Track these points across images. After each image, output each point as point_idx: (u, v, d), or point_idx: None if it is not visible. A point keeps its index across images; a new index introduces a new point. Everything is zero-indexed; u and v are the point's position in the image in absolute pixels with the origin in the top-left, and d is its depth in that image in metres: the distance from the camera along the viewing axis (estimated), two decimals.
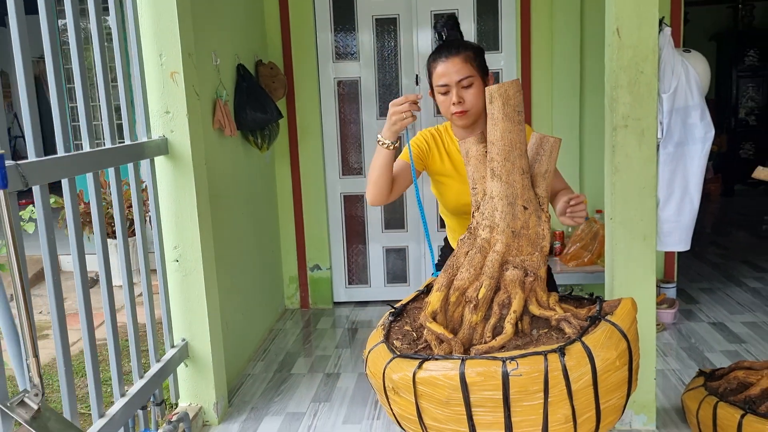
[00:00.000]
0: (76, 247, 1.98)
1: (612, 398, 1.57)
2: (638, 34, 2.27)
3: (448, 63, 1.89)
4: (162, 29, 2.49)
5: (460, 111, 1.92)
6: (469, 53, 1.91)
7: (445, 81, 1.91)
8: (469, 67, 1.90)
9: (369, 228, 4.34)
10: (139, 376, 2.37)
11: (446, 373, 1.52)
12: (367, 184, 2.00)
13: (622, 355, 1.56)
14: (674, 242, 2.71)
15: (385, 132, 1.87)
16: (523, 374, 1.48)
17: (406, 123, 1.83)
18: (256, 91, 3.42)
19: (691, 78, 2.55)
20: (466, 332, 1.68)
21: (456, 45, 1.92)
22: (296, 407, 2.91)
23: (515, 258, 1.68)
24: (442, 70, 1.90)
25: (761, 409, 2.15)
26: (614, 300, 1.67)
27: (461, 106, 1.92)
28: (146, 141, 2.48)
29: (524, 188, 1.66)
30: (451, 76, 1.90)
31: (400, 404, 1.62)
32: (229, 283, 3.18)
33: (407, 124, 1.84)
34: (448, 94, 1.93)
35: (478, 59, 1.93)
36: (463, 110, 1.92)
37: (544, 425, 1.52)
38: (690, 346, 3.37)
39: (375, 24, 4.07)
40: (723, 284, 4.40)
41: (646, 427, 2.52)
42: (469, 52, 1.91)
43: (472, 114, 1.95)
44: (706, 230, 6.34)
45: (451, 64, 1.89)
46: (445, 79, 1.90)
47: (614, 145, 2.35)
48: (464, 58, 1.90)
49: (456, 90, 1.91)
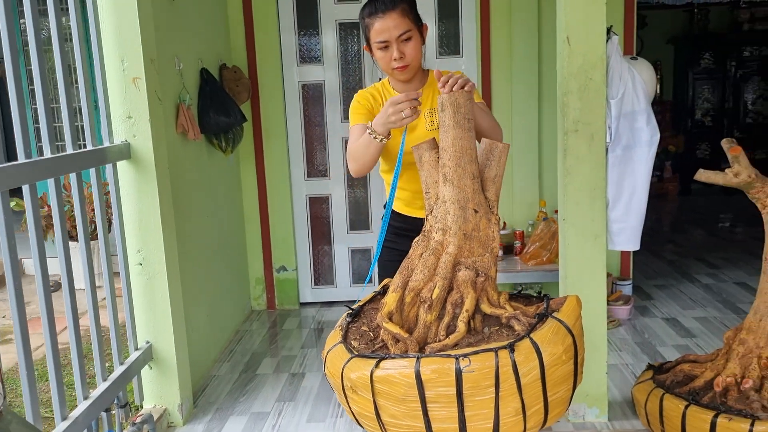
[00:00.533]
0: (38, 252, 2.00)
1: (559, 391, 1.65)
2: (587, 43, 2.36)
3: (386, 19, 1.89)
4: (124, 35, 2.51)
5: (401, 66, 1.94)
6: (405, 6, 1.91)
7: (384, 37, 1.91)
8: (407, 21, 1.91)
9: (334, 229, 4.39)
10: (102, 378, 2.39)
11: (402, 371, 1.58)
12: (350, 160, 1.99)
13: (568, 349, 1.64)
14: (623, 241, 2.82)
15: (378, 126, 1.85)
16: (475, 370, 1.55)
17: (405, 122, 1.80)
18: (220, 95, 3.45)
19: (638, 84, 2.66)
20: (421, 331, 1.75)
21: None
22: (261, 407, 2.95)
23: (467, 259, 1.75)
24: (381, 26, 1.90)
25: (704, 400, 2.26)
26: (560, 297, 1.76)
27: (402, 61, 1.93)
28: (108, 146, 2.49)
29: (475, 192, 1.73)
30: (391, 32, 1.90)
31: (359, 403, 1.68)
32: (194, 285, 3.21)
33: (406, 123, 1.81)
34: (387, 50, 1.94)
35: (413, 11, 1.94)
36: (405, 65, 1.94)
37: (495, 418, 1.60)
38: (643, 341, 3.50)
39: (338, 28, 4.12)
40: (677, 281, 4.56)
41: (598, 420, 2.62)
42: (404, 4, 1.91)
43: (413, 67, 1.97)
44: (664, 228, 6.54)
45: (390, 20, 1.89)
46: (384, 35, 1.91)
47: (565, 148, 2.44)
48: (401, 12, 1.90)
49: (396, 45, 1.91)
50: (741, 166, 2.20)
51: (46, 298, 2.03)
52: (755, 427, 2.09)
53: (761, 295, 2.29)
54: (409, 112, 1.77)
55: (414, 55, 1.96)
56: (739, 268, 4.81)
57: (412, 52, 1.95)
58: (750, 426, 2.10)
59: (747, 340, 2.29)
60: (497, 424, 1.60)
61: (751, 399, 2.20)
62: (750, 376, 2.24)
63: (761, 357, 2.25)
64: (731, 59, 7.89)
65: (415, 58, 1.97)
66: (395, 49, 1.92)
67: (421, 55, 1.99)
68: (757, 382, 2.24)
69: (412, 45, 1.94)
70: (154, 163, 2.60)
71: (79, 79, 2.38)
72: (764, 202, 2.23)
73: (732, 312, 3.87)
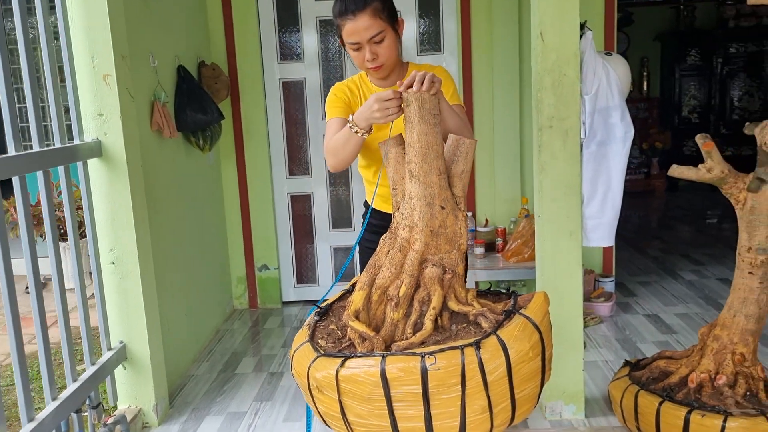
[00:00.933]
0: (1, 254, 1.97)
1: (526, 388, 1.64)
2: (560, 38, 2.35)
3: (356, 20, 1.83)
4: (93, 31, 2.47)
5: (375, 66, 1.90)
6: (377, 4, 1.83)
7: (355, 39, 1.86)
8: (379, 22, 1.84)
9: (316, 227, 4.36)
10: (72, 379, 2.36)
11: (367, 370, 1.56)
12: (328, 155, 1.93)
13: (535, 346, 1.62)
14: (598, 238, 2.81)
15: (361, 121, 1.78)
16: (440, 368, 1.54)
17: (390, 119, 1.74)
18: (197, 93, 3.41)
19: (612, 80, 2.65)
20: (388, 329, 1.73)
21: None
22: (238, 407, 2.92)
23: (434, 256, 1.73)
24: (352, 28, 1.84)
25: (678, 396, 2.26)
26: (529, 294, 1.74)
27: (376, 62, 1.89)
28: (78, 144, 2.46)
29: (441, 189, 1.71)
30: (362, 34, 1.84)
31: (325, 402, 1.66)
32: (172, 284, 3.18)
33: (391, 120, 1.75)
34: (360, 50, 1.89)
35: (386, 9, 1.86)
36: (379, 65, 1.90)
37: (461, 416, 1.58)
38: (624, 337, 3.49)
39: (319, 25, 4.09)
40: (660, 277, 4.56)
41: (575, 417, 2.61)
42: (375, 2, 1.83)
43: (387, 66, 1.93)
44: (650, 225, 6.55)
45: (360, 21, 1.82)
46: (355, 37, 1.86)
47: (540, 145, 2.43)
48: (372, 12, 1.82)
49: (368, 47, 1.86)
50: (714, 161, 2.20)
51: (10, 298, 1.99)
52: (728, 423, 2.09)
53: (735, 292, 2.28)
54: (395, 110, 1.72)
55: (388, 54, 1.91)
56: (723, 264, 4.82)
57: (386, 51, 1.90)
58: (723, 422, 2.09)
59: (721, 336, 2.28)
60: (464, 422, 1.58)
61: (725, 395, 2.20)
62: (724, 372, 2.24)
63: (735, 353, 2.24)
64: (717, 56, 7.90)
65: (390, 57, 1.92)
66: (368, 51, 1.88)
67: (396, 52, 1.95)
68: (730, 378, 2.23)
69: (386, 45, 1.89)
70: (126, 161, 2.56)
71: (46, 75, 2.34)
72: (737, 197, 2.22)
73: (714, 308, 3.87)
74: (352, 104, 2.01)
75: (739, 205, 2.22)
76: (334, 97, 2.04)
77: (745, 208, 2.21)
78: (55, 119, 2.35)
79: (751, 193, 2.19)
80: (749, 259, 2.23)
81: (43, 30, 2.30)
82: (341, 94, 2.03)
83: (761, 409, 2.14)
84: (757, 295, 2.23)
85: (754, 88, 7.89)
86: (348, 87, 2.06)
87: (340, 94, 2.04)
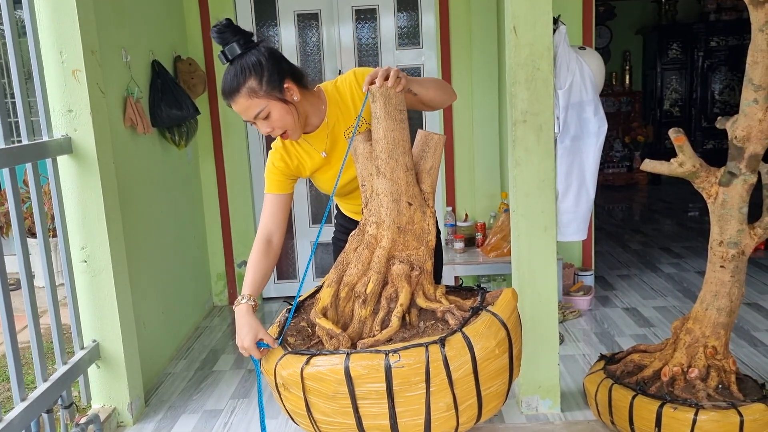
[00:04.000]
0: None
1: (493, 385, 1.63)
2: (534, 33, 2.34)
3: (236, 104, 1.74)
4: (61, 26, 2.44)
5: (279, 135, 1.82)
6: (251, 84, 1.70)
7: (244, 119, 1.78)
8: (256, 101, 1.72)
9: (296, 223, 4.34)
10: (42, 379, 2.33)
11: (332, 368, 1.56)
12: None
13: (502, 343, 1.62)
14: (572, 232, 2.81)
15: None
16: (405, 366, 1.53)
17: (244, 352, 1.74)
18: (172, 88, 3.38)
19: (586, 74, 2.65)
20: (356, 327, 1.72)
21: (232, 79, 1.71)
22: (214, 404, 2.91)
23: (401, 253, 1.72)
24: (235, 109, 1.76)
25: (652, 389, 2.27)
26: (497, 290, 1.73)
27: (276, 132, 1.80)
28: (47, 140, 2.43)
29: (409, 185, 1.70)
30: (245, 114, 1.75)
31: (291, 400, 1.65)
32: (147, 282, 3.15)
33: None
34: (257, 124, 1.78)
35: (263, 83, 1.71)
36: (281, 133, 1.80)
37: (426, 414, 1.58)
38: (602, 331, 3.50)
39: (297, 19, 4.06)
40: (640, 270, 4.58)
41: (551, 411, 2.61)
42: (250, 82, 1.70)
43: (293, 129, 1.80)
44: (633, 218, 6.57)
45: (239, 105, 1.73)
46: (243, 116, 1.77)
47: (514, 139, 2.42)
48: (247, 93, 1.71)
49: (260, 123, 1.77)
50: (686, 155, 2.20)
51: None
52: (699, 416, 2.10)
53: (707, 285, 2.29)
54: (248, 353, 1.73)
55: (282, 123, 1.77)
56: (702, 257, 4.81)
57: (279, 122, 1.76)
58: (694, 415, 2.11)
59: (693, 329, 2.29)
60: (429, 419, 1.58)
61: (697, 388, 2.21)
62: (696, 366, 2.25)
63: (707, 346, 2.25)
64: (699, 50, 7.93)
65: (288, 121, 1.77)
66: (262, 126, 1.78)
67: (292, 116, 1.77)
68: (702, 372, 2.24)
69: (276, 117, 1.75)
70: (96, 158, 2.53)
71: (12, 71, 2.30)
72: (709, 191, 2.23)
73: (691, 301, 3.89)
74: (290, 167, 1.92)
75: (711, 199, 2.23)
76: (271, 166, 1.93)
77: (717, 202, 2.22)
78: (22, 115, 2.31)
79: (723, 187, 2.19)
80: (721, 252, 2.23)
81: (7, 24, 2.26)
82: (278, 163, 1.92)
83: (732, 402, 2.15)
84: (729, 289, 2.24)
85: (735, 82, 7.93)
86: (285, 150, 1.93)
87: (277, 162, 1.92)
